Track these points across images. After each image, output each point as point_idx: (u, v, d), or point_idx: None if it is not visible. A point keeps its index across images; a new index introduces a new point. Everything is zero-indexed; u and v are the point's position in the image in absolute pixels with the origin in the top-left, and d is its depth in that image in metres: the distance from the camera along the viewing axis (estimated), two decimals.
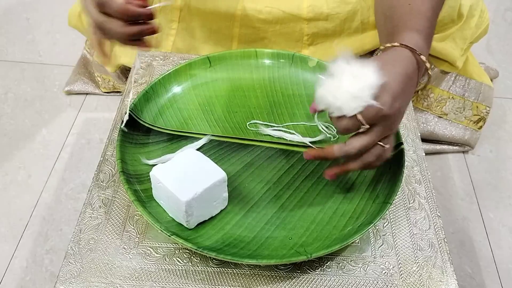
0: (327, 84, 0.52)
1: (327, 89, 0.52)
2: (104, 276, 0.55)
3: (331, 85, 0.52)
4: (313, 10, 0.82)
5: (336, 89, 0.51)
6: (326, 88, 0.52)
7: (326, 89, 0.52)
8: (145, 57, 0.81)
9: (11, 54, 1.23)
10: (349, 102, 0.51)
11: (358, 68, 0.51)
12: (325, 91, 0.52)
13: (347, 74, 0.51)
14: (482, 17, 0.92)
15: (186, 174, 0.56)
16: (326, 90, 0.52)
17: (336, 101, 0.51)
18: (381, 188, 0.61)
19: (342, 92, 0.51)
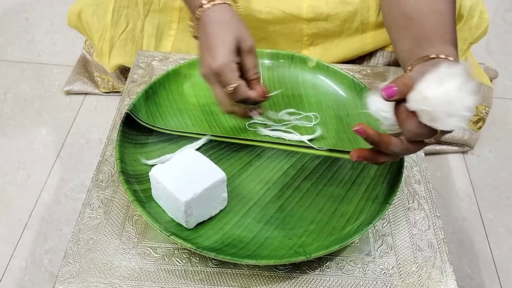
0: (436, 89, 0.46)
1: (435, 95, 0.46)
2: (103, 276, 0.55)
3: (441, 92, 0.46)
4: (313, 11, 0.82)
5: (447, 98, 0.46)
6: (434, 93, 0.46)
7: (434, 94, 0.46)
8: (145, 57, 0.81)
9: (10, 54, 1.23)
10: (449, 118, 0.47)
11: (463, 85, 0.47)
12: (433, 96, 0.46)
13: (455, 88, 0.46)
14: (482, 18, 0.92)
15: (185, 174, 0.56)
16: (434, 95, 0.46)
17: (439, 112, 0.46)
18: (380, 189, 0.61)
19: (453, 106, 0.46)
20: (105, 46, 0.95)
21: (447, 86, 0.46)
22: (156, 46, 0.91)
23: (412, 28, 0.61)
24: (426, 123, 0.47)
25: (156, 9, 0.87)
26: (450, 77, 0.46)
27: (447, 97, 0.46)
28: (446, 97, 0.46)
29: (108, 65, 0.98)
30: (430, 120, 0.47)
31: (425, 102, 0.46)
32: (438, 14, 0.60)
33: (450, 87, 0.46)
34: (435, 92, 0.46)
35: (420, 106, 0.47)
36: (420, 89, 0.47)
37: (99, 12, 0.93)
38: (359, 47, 0.87)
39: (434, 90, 0.46)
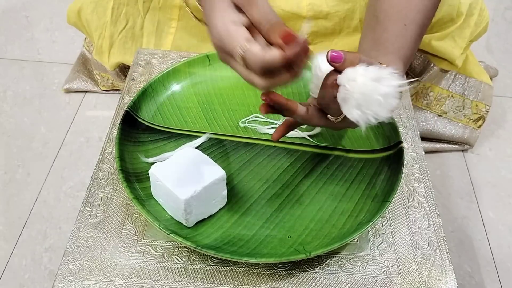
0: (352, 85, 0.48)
1: (362, 82, 0.48)
2: (103, 274, 0.55)
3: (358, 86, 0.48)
4: (313, 9, 0.82)
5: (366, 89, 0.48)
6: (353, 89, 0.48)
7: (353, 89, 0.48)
8: (144, 55, 0.81)
9: (10, 52, 1.23)
10: (355, 108, 0.49)
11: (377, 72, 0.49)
12: (360, 81, 0.48)
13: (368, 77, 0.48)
14: (482, 15, 0.92)
15: (185, 173, 0.56)
16: (361, 82, 0.48)
17: (353, 98, 0.48)
18: (380, 187, 0.61)
19: (366, 101, 0.48)
20: (105, 44, 0.95)
21: (377, 83, 0.48)
22: (156, 44, 0.91)
23: (376, 31, 0.63)
24: (338, 100, 0.50)
25: (156, 7, 0.87)
26: (387, 79, 0.49)
27: (368, 90, 0.48)
28: (367, 90, 0.48)
29: (108, 63, 0.98)
30: (342, 100, 0.49)
31: (351, 82, 0.48)
32: (403, 24, 0.61)
33: (379, 86, 0.48)
34: (364, 80, 0.48)
35: (345, 83, 0.49)
36: (357, 70, 0.48)
37: (99, 9, 0.93)
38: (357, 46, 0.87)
39: (365, 78, 0.48)
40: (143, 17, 0.90)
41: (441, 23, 0.88)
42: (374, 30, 0.63)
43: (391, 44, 0.61)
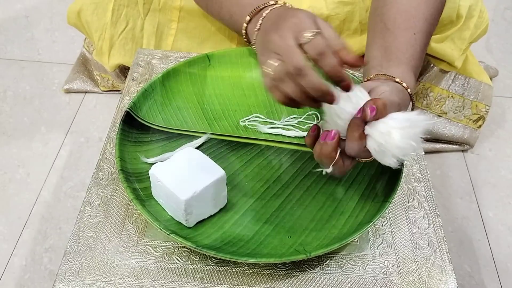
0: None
1: (396, 136, 0.50)
2: (103, 275, 0.55)
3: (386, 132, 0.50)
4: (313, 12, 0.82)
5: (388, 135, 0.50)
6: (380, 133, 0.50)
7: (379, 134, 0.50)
8: (145, 55, 0.81)
9: (10, 52, 1.23)
10: (391, 158, 0.51)
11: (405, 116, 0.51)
12: (394, 136, 0.50)
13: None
14: (482, 17, 0.92)
15: (185, 173, 0.56)
16: (395, 135, 0.50)
17: (388, 150, 0.50)
18: (380, 187, 0.61)
19: (401, 152, 0.50)
20: (105, 45, 0.95)
21: (408, 132, 0.50)
22: (156, 46, 0.91)
23: (386, 38, 0.63)
24: (370, 150, 0.51)
25: (156, 8, 0.87)
26: (414, 125, 0.50)
27: (402, 143, 0.50)
28: (401, 142, 0.50)
29: (108, 64, 0.98)
30: (376, 151, 0.51)
31: (385, 137, 0.50)
32: (413, 33, 0.62)
33: (412, 136, 0.50)
34: (397, 133, 0.49)
35: (379, 138, 0.50)
36: (388, 123, 0.50)
37: (99, 11, 0.93)
38: (358, 48, 0.87)
39: (397, 132, 0.50)
40: (143, 19, 0.90)
41: (441, 25, 0.88)
42: (383, 37, 0.63)
43: (403, 54, 0.61)
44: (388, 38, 0.63)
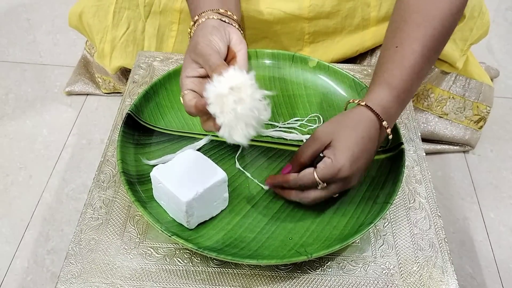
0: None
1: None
2: (104, 277, 0.55)
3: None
4: (314, 9, 0.82)
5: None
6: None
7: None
8: (146, 57, 0.81)
9: (12, 55, 1.24)
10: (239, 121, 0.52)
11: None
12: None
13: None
14: (483, 18, 0.92)
15: (186, 175, 0.56)
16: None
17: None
18: (381, 188, 0.61)
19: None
20: (106, 47, 0.96)
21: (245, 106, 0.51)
22: (157, 48, 0.91)
23: (386, 43, 0.64)
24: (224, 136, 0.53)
25: (157, 11, 0.88)
26: (246, 91, 0.51)
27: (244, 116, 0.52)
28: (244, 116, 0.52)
29: (109, 66, 0.98)
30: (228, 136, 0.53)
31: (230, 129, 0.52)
32: (395, 46, 0.61)
33: (249, 108, 0.51)
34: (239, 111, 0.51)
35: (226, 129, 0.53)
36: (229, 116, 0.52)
37: (100, 13, 0.94)
38: (359, 43, 0.87)
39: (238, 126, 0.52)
40: (144, 21, 0.90)
41: None
42: (385, 40, 0.64)
43: (381, 70, 0.61)
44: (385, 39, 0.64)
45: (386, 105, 0.58)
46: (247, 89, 0.51)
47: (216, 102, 0.52)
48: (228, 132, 0.53)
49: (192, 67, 0.58)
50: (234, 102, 0.51)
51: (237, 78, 0.51)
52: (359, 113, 0.58)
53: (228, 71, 0.52)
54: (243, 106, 0.51)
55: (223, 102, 0.51)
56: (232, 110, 0.51)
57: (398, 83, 0.59)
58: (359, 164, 0.56)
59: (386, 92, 0.59)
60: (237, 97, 0.51)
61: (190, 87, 0.57)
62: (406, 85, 0.59)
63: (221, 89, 0.51)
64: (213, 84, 0.52)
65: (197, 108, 0.55)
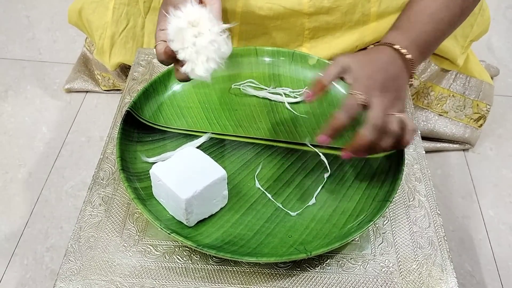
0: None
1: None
2: (104, 274, 0.55)
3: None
4: (314, 5, 0.82)
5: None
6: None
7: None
8: (145, 54, 0.81)
9: (11, 52, 1.23)
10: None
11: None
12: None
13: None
14: (483, 15, 0.92)
15: (186, 172, 0.56)
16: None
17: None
18: (381, 186, 0.61)
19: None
20: (106, 44, 0.95)
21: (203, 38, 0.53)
22: None
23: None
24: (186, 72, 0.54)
25: (157, 7, 0.87)
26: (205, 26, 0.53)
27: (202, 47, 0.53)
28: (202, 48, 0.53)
29: (109, 63, 0.98)
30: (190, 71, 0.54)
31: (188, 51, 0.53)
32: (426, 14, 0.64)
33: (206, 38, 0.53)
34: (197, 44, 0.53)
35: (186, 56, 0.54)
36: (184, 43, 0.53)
37: (100, 9, 0.93)
38: (359, 39, 0.87)
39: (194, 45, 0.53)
40: (144, 17, 0.90)
41: None
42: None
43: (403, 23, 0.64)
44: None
45: (400, 44, 0.60)
46: (206, 23, 0.52)
47: (176, 39, 0.52)
48: (190, 68, 0.53)
49: (165, 19, 0.56)
50: (194, 36, 0.51)
51: (195, 12, 0.52)
52: (370, 49, 0.61)
53: (186, 6, 0.52)
54: (202, 39, 0.51)
55: (183, 37, 0.52)
56: (192, 44, 0.52)
57: (414, 28, 0.62)
58: (381, 77, 0.57)
59: (399, 36, 0.61)
60: (196, 31, 0.51)
61: (162, 38, 0.56)
62: (423, 31, 0.62)
63: (180, 23, 0.52)
64: (172, 20, 0.52)
65: (166, 53, 0.54)
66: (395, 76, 0.59)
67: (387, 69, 0.59)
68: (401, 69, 0.60)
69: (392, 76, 0.59)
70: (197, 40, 0.52)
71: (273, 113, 0.71)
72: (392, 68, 0.59)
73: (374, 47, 0.62)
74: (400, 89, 0.59)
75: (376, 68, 0.58)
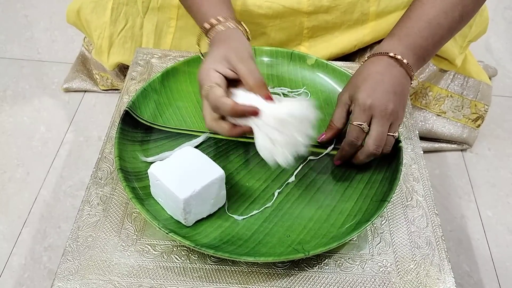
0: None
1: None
2: (102, 273, 0.55)
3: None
4: (314, 4, 0.82)
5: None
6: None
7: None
8: (144, 54, 0.81)
9: (9, 51, 1.23)
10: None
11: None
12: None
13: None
14: (482, 15, 0.92)
15: (184, 172, 0.56)
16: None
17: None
18: (379, 186, 0.61)
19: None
20: (104, 44, 0.95)
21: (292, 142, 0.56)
22: (155, 44, 0.91)
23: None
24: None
25: (155, 7, 0.87)
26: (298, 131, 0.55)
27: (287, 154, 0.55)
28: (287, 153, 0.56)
29: (107, 63, 0.98)
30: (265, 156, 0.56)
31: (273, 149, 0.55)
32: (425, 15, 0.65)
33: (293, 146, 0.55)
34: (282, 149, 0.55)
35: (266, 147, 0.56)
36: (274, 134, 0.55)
37: (98, 9, 0.93)
38: (358, 38, 0.87)
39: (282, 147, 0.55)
40: (142, 17, 0.90)
41: None
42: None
43: (399, 30, 0.65)
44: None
45: (395, 51, 0.62)
46: (305, 123, 0.54)
47: (269, 122, 0.54)
48: (268, 149, 0.55)
49: (223, 63, 0.57)
50: (292, 127, 0.54)
51: (300, 109, 0.54)
52: (366, 63, 0.63)
53: (291, 100, 0.56)
54: (287, 136, 0.54)
55: (281, 125, 0.53)
56: (285, 135, 0.53)
57: (410, 33, 0.64)
58: (381, 90, 0.59)
59: (395, 43, 0.63)
60: (294, 127, 0.54)
61: (217, 81, 0.56)
62: (420, 36, 0.63)
63: (281, 114, 0.53)
64: (269, 104, 0.54)
65: (234, 110, 0.54)
66: (394, 85, 0.61)
67: (384, 81, 0.60)
68: (398, 76, 0.61)
69: (390, 86, 0.60)
70: (282, 136, 0.54)
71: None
72: (389, 78, 0.61)
73: (369, 59, 0.63)
74: (401, 94, 0.61)
75: (375, 83, 0.60)
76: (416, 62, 0.64)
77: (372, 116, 0.59)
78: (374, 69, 0.62)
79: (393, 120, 0.60)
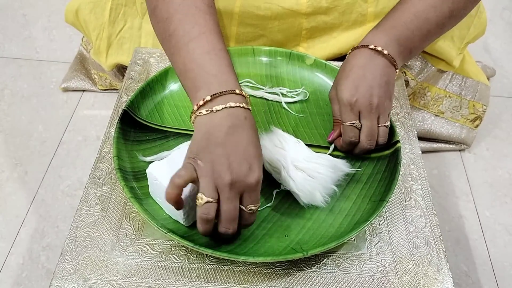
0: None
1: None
2: (100, 273, 0.55)
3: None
4: (312, 5, 0.82)
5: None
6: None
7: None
8: (142, 54, 0.81)
9: (7, 51, 1.23)
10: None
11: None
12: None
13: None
14: (480, 17, 0.92)
15: None
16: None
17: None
18: (377, 186, 0.61)
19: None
20: (103, 44, 0.95)
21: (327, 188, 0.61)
22: (154, 45, 0.91)
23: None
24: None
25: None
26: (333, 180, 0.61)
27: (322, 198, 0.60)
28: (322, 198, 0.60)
29: (106, 63, 0.98)
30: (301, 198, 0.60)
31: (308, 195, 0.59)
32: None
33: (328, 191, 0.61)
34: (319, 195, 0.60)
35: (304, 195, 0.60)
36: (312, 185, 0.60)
37: (97, 10, 0.93)
38: (356, 39, 0.87)
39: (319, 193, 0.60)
40: (141, 18, 0.90)
41: None
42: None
43: (385, 21, 0.67)
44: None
45: (376, 43, 0.64)
46: (325, 171, 0.59)
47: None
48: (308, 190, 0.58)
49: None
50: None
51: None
52: (348, 57, 0.66)
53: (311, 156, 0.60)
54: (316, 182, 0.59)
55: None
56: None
57: (395, 25, 0.66)
58: (364, 85, 0.62)
59: (378, 34, 0.65)
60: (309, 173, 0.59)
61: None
62: (406, 28, 0.65)
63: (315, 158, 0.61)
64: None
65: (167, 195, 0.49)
66: (376, 77, 0.63)
67: (365, 76, 0.63)
68: (381, 65, 0.64)
69: (373, 80, 0.63)
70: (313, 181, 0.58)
71: (270, 112, 0.71)
72: (371, 71, 0.63)
73: (352, 52, 0.66)
74: (386, 84, 0.63)
75: (357, 79, 0.63)
76: (401, 53, 0.66)
77: (360, 112, 0.62)
78: (355, 62, 0.64)
79: (381, 113, 0.63)
